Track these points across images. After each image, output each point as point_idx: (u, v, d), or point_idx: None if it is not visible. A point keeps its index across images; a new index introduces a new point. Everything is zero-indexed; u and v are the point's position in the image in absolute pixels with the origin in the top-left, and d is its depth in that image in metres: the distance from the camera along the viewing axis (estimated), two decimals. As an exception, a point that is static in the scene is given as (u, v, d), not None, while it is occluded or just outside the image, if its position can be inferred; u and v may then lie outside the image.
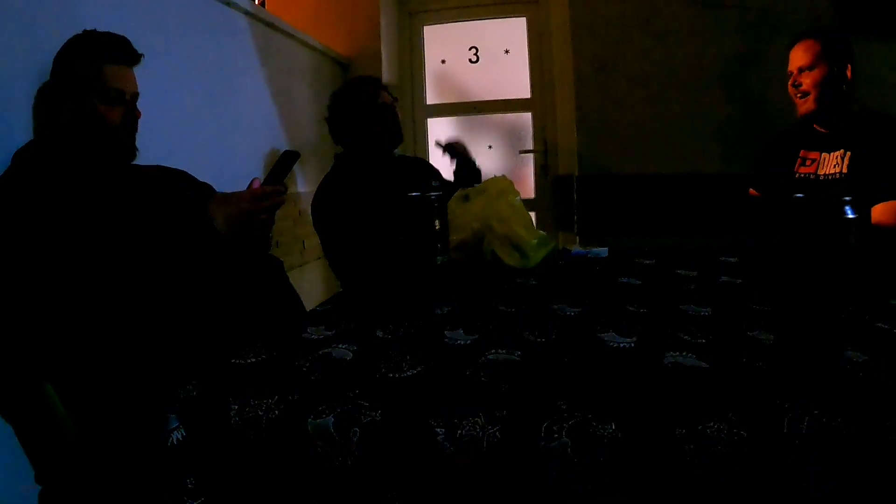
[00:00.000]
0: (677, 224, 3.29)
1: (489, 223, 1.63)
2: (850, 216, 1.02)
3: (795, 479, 0.80)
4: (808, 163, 2.11)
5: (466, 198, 1.69)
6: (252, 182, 1.45)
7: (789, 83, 2.07)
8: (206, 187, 1.68)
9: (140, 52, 1.49)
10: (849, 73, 2.00)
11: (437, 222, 1.40)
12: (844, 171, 2.00)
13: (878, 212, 1.83)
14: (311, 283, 3.04)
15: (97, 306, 1.30)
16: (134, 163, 1.54)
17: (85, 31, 1.46)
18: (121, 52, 1.47)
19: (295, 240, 2.83)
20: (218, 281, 1.48)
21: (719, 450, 0.81)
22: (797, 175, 2.12)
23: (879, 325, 1.18)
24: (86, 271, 1.28)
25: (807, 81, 2.01)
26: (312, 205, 2.42)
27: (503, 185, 1.73)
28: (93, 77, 1.42)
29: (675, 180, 3.36)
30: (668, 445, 0.82)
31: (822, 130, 2.08)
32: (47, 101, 1.47)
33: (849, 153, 2.00)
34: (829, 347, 1.04)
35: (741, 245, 2.03)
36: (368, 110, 2.37)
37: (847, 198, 1.03)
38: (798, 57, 2.04)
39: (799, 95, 2.04)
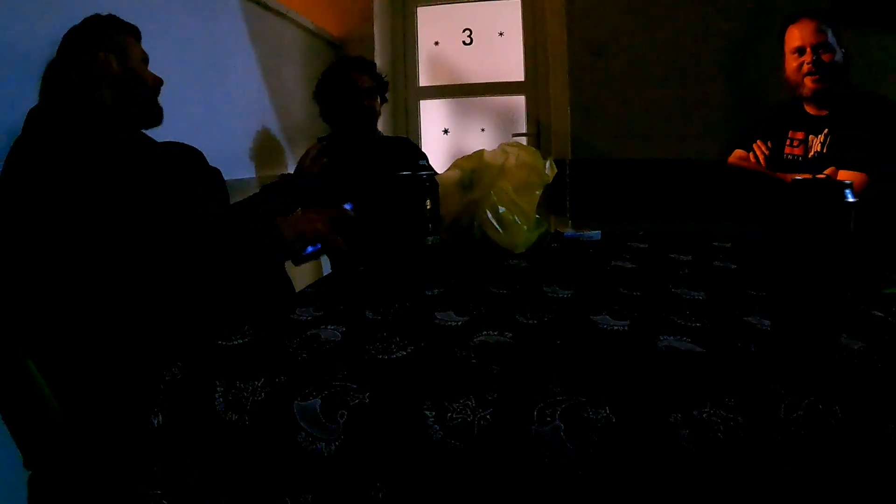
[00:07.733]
0: (671, 211, 3.27)
1: (481, 203, 1.60)
2: (850, 200, 1.00)
3: (792, 465, 0.78)
4: (795, 143, 2.10)
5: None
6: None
7: (800, 60, 2.01)
8: (216, 172, 1.67)
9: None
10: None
11: (428, 202, 1.38)
12: (825, 151, 1.99)
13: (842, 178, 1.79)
14: (303, 269, 3.01)
15: (102, 287, 1.24)
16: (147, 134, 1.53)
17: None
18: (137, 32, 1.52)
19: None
20: (213, 266, 1.44)
21: (715, 435, 0.79)
22: (785, 156, 2.12)
23: (875, 313, 1.16)
24: (114, 251, 1.22)
25: (826, 61, 1.97)
26: None
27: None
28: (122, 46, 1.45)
29: (669, 167, 3.32)
30: (662, 430, 0.81)
31: (813, 113, 2.07)
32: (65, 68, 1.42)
33: (831, 135, 1.99)
34: (825, 334, 1.03)
35: (736, 234, 2.01)
36: (343, 93, 2.42)
37: (848, 182, 1.01)
38: (810, 34, 1.99)
39: (812, 73, 1.99)
